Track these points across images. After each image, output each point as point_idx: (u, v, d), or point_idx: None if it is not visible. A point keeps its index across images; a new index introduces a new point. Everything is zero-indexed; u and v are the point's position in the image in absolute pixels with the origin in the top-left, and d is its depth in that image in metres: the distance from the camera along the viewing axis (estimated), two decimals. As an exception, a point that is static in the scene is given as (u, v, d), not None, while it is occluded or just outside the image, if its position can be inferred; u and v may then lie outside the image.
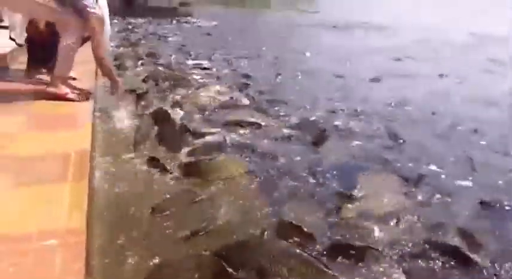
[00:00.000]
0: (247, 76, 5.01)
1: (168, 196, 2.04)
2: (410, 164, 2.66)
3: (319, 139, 2.97)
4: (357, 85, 4.80)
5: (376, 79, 5.16)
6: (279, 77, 5.11)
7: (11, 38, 3.02)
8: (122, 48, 6.39)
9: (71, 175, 1.80)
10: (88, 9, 2.57)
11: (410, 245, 1.81)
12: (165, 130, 2.87)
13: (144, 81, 4.14)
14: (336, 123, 3.39)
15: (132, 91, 3.78)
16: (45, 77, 3.13)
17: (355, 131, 3.22)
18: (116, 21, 2.65)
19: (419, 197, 2.24)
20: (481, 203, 2.21)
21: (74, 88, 2.97)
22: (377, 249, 1.72)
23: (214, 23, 12.39)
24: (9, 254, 1.27)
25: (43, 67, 3.15)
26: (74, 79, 3.13)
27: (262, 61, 6.25)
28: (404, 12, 17.73)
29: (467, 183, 2.46)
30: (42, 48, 3.00)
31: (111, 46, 5.67)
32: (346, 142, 2.99)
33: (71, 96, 2.85)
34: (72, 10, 2.59)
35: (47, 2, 2.57)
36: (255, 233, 1.81)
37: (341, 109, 3.74)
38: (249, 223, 1.89)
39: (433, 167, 2.64)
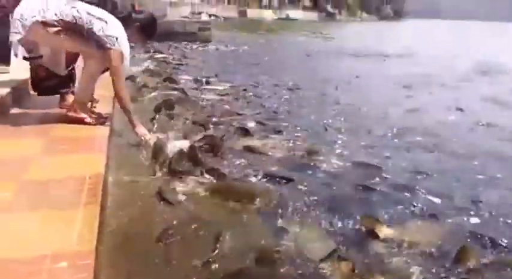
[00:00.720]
0: (261, 102, 5.14)
1: (175, 222, 2.10)
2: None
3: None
4: (367, 116, 4.86)
5: (387, 108, 5.22)
6: (294, 105, 5.21)
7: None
8: (141, 73, 6.59)
9: (85, 199, 1.87)
10: (108, 45, 2.71)
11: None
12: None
13: (159, 106, 4.26)
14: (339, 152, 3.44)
15: (151, 117, 3.91)
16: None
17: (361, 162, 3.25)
18: (133, 45, 2.77)
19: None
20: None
21: (92, 112, 3.10)
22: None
23: (233, 48, 12.67)
24: (23, 275, 1.35)
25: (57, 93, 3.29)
26: (97, 102, 3.26)
27: (278, 88, 6.35)
28: (420, 43, 17.79)
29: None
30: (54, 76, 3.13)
31: (130, 71, 5.85)
32: (357, 172, 3.03)
33: (88, 120, 2.97)
34: (95, 43, 2.74)
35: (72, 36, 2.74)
36: (254, 261, 1.85)
37: (342, 141, 3.78)
38: (252, 250, 1.92)
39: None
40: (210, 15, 28.51)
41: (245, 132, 3.73)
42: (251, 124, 4.05)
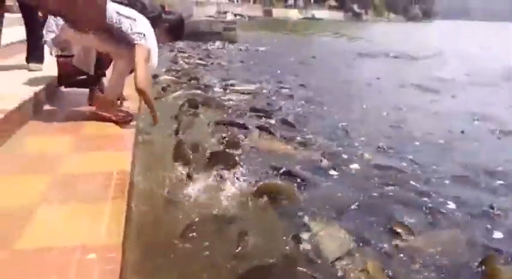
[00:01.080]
0: (284, 103, 5.17)
1: (197, 219, 2.17)
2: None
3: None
4: (389, 119, 4.82)
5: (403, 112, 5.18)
6: (317, 106, 5.22)
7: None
8: (165, 72, 6.70)
9: (112, 194, 1.96)
10: (135, 41, 2.79)
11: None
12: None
13: (183, 105, 4.35)
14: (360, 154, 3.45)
15: (175, 116, 4.00)
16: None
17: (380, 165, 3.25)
18: (161, 45, 2.85)
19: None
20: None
21: (120, 110, 3.20)
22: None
23: (257, 48, 12.69)
24: (56, 264, 1.44)
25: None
26: (126, 100, 3.37)
27: (301, 89, 6.36)
28: (447, 45, 17.44)
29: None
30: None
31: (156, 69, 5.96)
32: (378, 175, 3.04)
33: (116, 118, 3.07)
34: (124, 42, 2.83)
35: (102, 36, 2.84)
36: (278, 258, 1.90)
37: (362, 144, 3.77)
38: (274, 248, 1.98)
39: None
40: (235, 15, 28.62)
41: (267, 132, 3.78)
42: (273, 124, 4.10)
